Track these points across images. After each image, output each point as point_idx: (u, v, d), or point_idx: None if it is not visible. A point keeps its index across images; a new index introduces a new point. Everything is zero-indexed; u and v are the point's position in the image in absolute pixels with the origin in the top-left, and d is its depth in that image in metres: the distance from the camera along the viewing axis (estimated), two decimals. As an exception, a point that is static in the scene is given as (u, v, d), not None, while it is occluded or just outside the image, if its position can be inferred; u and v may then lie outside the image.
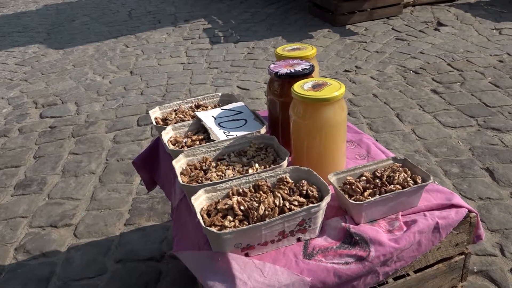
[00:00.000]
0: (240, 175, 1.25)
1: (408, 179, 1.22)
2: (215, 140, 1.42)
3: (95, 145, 3.06)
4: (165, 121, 1.61)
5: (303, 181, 1.20)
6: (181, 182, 1.23)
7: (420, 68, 3.79)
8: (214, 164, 1.34)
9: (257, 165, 1.30)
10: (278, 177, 1.24)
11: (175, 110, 1.68)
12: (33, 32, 5.97)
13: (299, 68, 1.38)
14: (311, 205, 1.10)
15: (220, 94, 1.75)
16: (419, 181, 1.21)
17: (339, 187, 1.23)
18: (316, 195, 1.16)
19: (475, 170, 2.44)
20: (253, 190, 1.21)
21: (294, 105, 1.29)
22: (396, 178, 1.22)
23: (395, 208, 1.20)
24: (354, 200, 1.17)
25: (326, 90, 1.24)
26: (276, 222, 1.07)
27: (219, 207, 1.14)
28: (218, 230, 1.06)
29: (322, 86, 1.26)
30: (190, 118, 1.60)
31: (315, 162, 1.29)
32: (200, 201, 1.17)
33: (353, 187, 1.20)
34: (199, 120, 1.54)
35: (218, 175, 1.28)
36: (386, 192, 1.18)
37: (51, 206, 2.48)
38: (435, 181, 1.31)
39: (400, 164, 1.29)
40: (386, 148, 1.63)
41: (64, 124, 3.39)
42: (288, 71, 1.37)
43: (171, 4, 6.77)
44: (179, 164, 1.33)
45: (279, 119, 1.44)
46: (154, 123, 1.60)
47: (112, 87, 4.02)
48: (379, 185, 1.21)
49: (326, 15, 5.12)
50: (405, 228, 1.16)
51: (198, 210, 1.14)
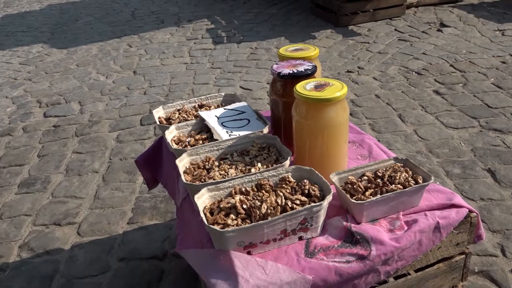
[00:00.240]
0: (243, 174, 1.27)
1: (409, 179, 1.23)
2: (218, 140, 1.43)
3: (98, 144, 3.08)
4: (168, 120, 1.63)
5: (305, 180, 1.21)
6: (184, 181, 1.24)
7: (422, 69, 3.79)
8: (217, 163, 1.35)
9: (259, 164, 1.31)
10: (280, 176, 1.25)
11: (178, 110, 1.69)
12: (37, 32, 5.99)
13: (301, 68, 1.40)
14: (313, 204, 1.11)
15: (223, 94, 1.76)
16: (420, 181, 1.22)
17: (341, 186, 1.24)
18: (318, 194, 1.17)
19: (477, 171, 2.45)
20: (255, 189, 1.22)
21: (296, 105, 1.30)
22: (397, 178, 1.22)
23: (396, 208, 1.21)
24: (355, 200, 1.18)
25: (328, 91, 1.25)
26: (278, 221, 1.08)
27: (222, 206, 1.15)
28: (221, 228, 1.07)
29: (324, 87, 1.27)
30: (194, 118, 1.61)
31: (317, 162, 1.30)
32: (203, 199, 1.18)
33: (354, 186, 1.21)
34: (202, 120, 1.55)
35: (221, 174, 1.29)
36: (387, 191, 1.19)
37: (54, 204, 2.50)
38: (436, 181, 1.31)
39: (402, 164, 1.30)
40: (388, 148, 1.64)
41: (67, 123, 3.41)
42: (291, 72, 1.38)
43: (174, 4, 6.79)
44: (183, 163, 1.35)
45: (281, 119, 1.45)
46: (158, 123, 1.61)
47: (116, 86, 4.04)
48: (381, 184, 1.22)
49: (329, 15, 5.12)
50: (406, 228, 1.17)
51: (201, 209, 1.15)
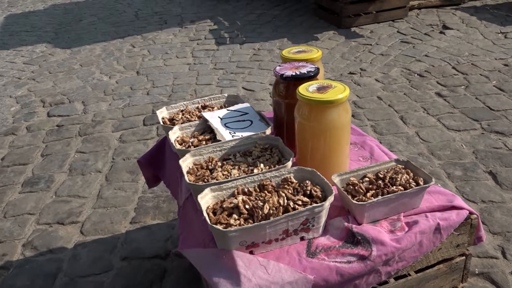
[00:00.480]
0: (246, 175, 1.28)
1: (410, 180, 1.24)
2: (221, 140, 1.44)
3: (101, 144, 3.09)
4: (172, 121, 1.64)
5: (307, 181, 1.22)
6: (187, 181, 1.25)
7: (424, 71, 3.80)
8: (220, 163, 1.36)
9: (262, 165, 1.32)
10: (283, 177, 1.26)
11: (182, 111, 1.71)
12: (41, 32, 6.02)
13: (304, 70, 1.41)
14: (315, 204, 1.12)
15: (226, 95, 1.77)
16: (421, 182, 1.23)
17: (343, 187, 1.25)
18: (320, 195, 1.18)
19: (478, 173, 2.46)
20: (258, 190, 1.23)
21: (299, 106, 1.31)
22: (399, 179, 1.23)
23: (397, 209, 1.22)
24: (357, 201, 1.19)
25: (330, 92, 1.26)
26: (280, 221, 1.09)
27: (224, 206, 1.16)
28: (224, 228, 1.08)
29: (327, 89, 1.28)
30: (197, 119, 1.62)
31: (319, 163, 1.31)
32: (206, 199, 1.19)
33: (356, 187, 1.22)
34: (206, 121, 1.56)
35: (224, 175, 1.30)
36: (389, 193, 1.20)
37: (58, 203, 2.52)
38: (437, 183, 1.32)
39: (403, 166, 1.31)
40: (389, 150, 1.65)
41: (71, 123, 3.42)
42: (294, 73, 1.39)
43: (177, 5, 6.81)
44: (186, 163, 1.36)
45: (284, 120, 1.46)
46: (161, 123, 1.62)
47: (119, 86, 4.06)
48: (382, 186, 1.23)
49: (332, 17, 5.13)
50: (406, 229, 1.18)
51: (204, 208, 1.16)
